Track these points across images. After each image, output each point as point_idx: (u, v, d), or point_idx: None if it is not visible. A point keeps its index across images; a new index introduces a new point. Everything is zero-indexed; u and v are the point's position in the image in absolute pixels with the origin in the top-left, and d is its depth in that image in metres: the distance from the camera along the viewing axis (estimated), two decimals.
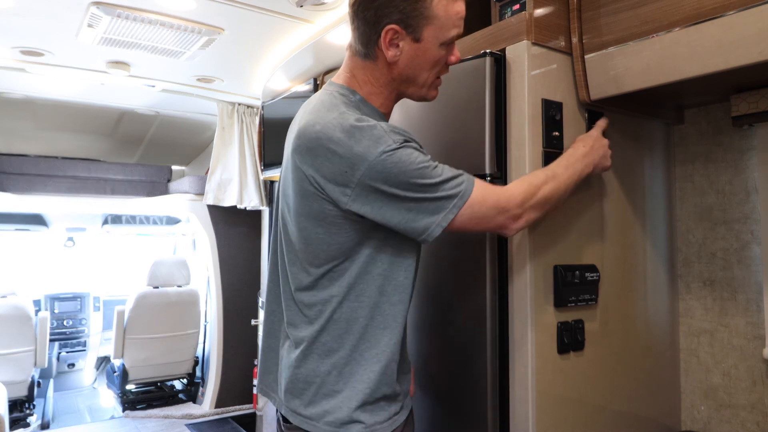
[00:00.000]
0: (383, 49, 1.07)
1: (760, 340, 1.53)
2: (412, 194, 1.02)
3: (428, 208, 1.03)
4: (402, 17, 1.03)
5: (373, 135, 0.99)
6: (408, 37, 1.05)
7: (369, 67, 1.12)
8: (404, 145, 1.01)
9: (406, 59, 1.07)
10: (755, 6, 1.08)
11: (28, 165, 3.95)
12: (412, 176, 1.00)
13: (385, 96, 1.14)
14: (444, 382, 1.47)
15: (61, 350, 5.07)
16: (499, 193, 1.10)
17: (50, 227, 5.03)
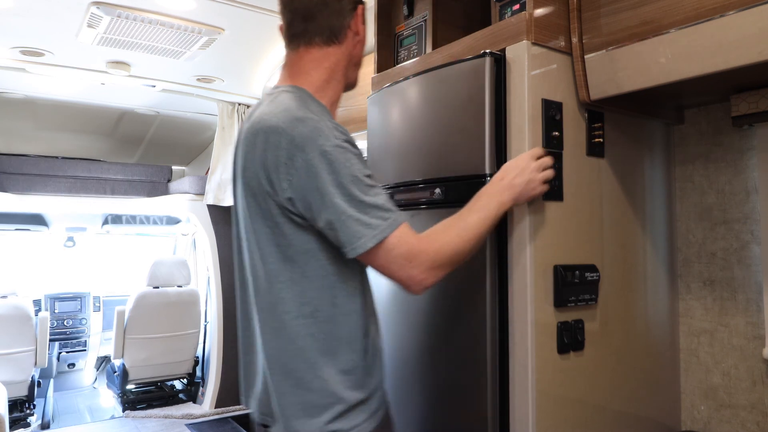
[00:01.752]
0: (356, 27, 1.12)
1: (760, 340, 1.53)
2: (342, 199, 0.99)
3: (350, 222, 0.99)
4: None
5: (318, 127, 0.98)
6: (361, 16, 1.14)
7: (329, 54, 1.11)
8: (346, 146, 1.00)
9: (363, 39, 1.14)
10: (755, 6, 1.08)
11: (28, 165, 3.95)
12: (347, 180, 0.97)
13: (327, 90, 1.13)
14: (444, 382, 1.47)
15: (62, 350, 5.07)
16: (413, 243, 1.03)
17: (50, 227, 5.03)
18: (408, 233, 1.03)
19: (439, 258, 1.06)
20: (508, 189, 1.18)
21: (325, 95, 1.12)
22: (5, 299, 4.03)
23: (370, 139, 1.82)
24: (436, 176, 1.51)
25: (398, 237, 1.01)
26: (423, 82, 1.58)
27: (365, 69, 2.66)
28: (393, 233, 1.00)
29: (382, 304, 1.71)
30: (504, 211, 1.19)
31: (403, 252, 1.02)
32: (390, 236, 1.00)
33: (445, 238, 1.08)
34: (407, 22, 1.88)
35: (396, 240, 1.01)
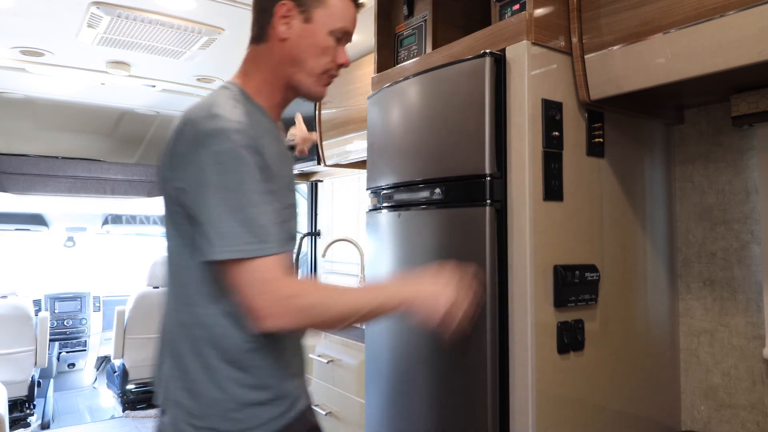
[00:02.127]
0: (275, 25, 1.05)
1: (760, 340, 1.53)
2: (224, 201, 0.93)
3: (223, 227, 0.93)
4: None
5: (223, 128, 0.94)
6: (300, 16, 1.05)
7: (260, 53, 1.08)
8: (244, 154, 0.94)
9: (295, 38, 1.05)
10: (755, 6, 1.08)
11: (28, 165, 3.95)
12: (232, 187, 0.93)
13: (269, 89, 1.09)
14: (444, 382, 1.47)
15: (62, 350, 5.07)
16: (280, 277, 0.94)
17: (50, 227, 5.03)
18: (278, 265, 0.94)
19: (301, 311, 0.95)
20: (421, 295, 1.05)
21: (263, 96, 1.08)
22: (5, 299, 4.02)
23: (370, 139, 1.82)
24: (436, 176, 1.51)
25: (268, 263, 0.93)
26: (423, 82, 1.58)
27: (365, 69, 2.67)
28: (264, 257, 0.93)
29: None
30: (395, 310, 1.04)
31: (265, 280, 0.93)
32: (259, 258, 0.92)
33: (324, 300, 0.98)
34: (407, 22, 1.88)
35: (263, 264, 0.93)
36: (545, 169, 1.36)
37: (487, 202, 1.37)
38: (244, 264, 0.92)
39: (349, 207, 3.47)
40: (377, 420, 1.72)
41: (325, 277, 3.68)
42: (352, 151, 2.75)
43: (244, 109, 1.01)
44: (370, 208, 1.80)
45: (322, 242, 3.74)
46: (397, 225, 1.65)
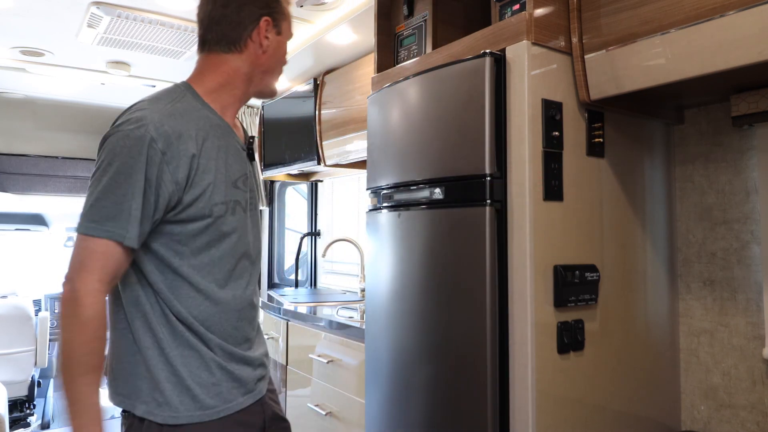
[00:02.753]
0: (258, 38, 1.15)
1: (760, 340, 1.53)
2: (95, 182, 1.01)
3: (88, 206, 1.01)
4: (271, 11, 1.16)
5: (137, 117, 1.03)
6: (274, 30, 1.17)
7: (226, 60, 1.15)
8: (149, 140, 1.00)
9: (272, 50, 1.17)
10: (755, 6, 1.08)
11: (28, 165, 3.95)
12: (111, 168, 1.00)
13: (235, 88, 1.17)
14: (444, 382, 1.47)
15: None
16: (91, 266, 0.98)
17: (50, 227, 5.03)
18: (105, 253, 0.98)
19: (79, 300, 0.97)
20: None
21: (217, 98, 1.15)
22: (5, 299, 4.03)
23: (370, 139, 1.82)
24: (436, 176, 1.51)
25: (96, 245, 0.98)
26: (423, 82, 1.58)
27: (365, 69, 2.67)
28: (99, 238, 0.98)
29: (382, 304, 1.72)
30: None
31: (81, 259, 0.98)
32: (93, 238, 0.98)
33: (80, 336, 0.97)
34: (407, 22, 1.88)
35: (91, 244, 0.98)
36: (545, 169, 1.36)
37: (487, 202, 1.37)
38: (82, 239, 1.00)
39: (349, 207, 3.47)
40: (377, 420, 1.72)
41: (325, 277, 3.68)
42: (352, 151, 2.75)
43: (188, 104, 1.09)
44: (370, 208, 1.81)
45: (322, 242, 3.74)
46: (397, 225, 1.65)
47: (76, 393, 0.97)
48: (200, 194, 1.06)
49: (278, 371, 2.79)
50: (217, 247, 1.10)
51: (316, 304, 2.76)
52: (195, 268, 1.08)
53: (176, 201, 1.04)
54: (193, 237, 1.07)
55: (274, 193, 4.13)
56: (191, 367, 1.07)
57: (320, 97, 3.00)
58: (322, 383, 2.34)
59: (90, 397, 0.97)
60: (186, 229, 1.06)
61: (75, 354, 0.97)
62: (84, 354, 0.97)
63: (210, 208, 1.07)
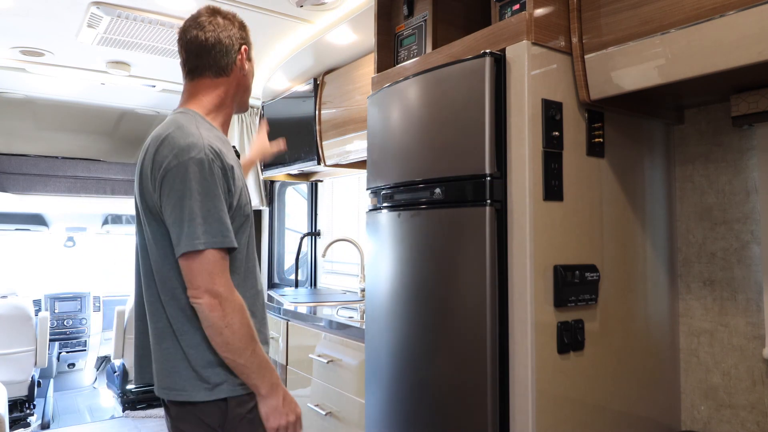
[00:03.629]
0: (240, 63, 1.35)
1: (760, 340, 1.53)
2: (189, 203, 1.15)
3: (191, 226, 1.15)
4: (246, 41, 1.37)
5: (194, 142, 1.18)
6: (246, 55, 1.37)
7: (221, 84, 1.34)
8: (212, 162, 1.18)
9: (249, 72, 1.39)
10: (755, 6, 1.08)
11: (28, 165, 3.95)
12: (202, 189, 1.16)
13: (219, 112, 1.35)
14: (444, 382, 1.47)
15: (62, 350, 5.07)
16: (219, 272, 1.16)
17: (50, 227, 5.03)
18: (221, 260, 1.16)
19: (228, 299, 1.16)
20: (277, 399, 1.24)
21: (216, 117, 1.34)
22: (5, 299, 4.03)
23: (370, 139, 1.82)
24: (436, 176, 1.51)
25: (214, 256, 1.15)
26: (423, 82, 1.58)
27: (365, 69, 2.67)
28: (211, 250, 1.15)
29: (382, 304, 1.72)
30: (262, 384, 1.21)
31: (210, 269, 1.15)
32: (208, 251, 1.14)
33: (240, 320, 1.17)
34: (407, 22, 1.88)
35: (214, 256, 1.15)
36: (545, 169, 1.36)
37: (487, 202, 1.37)
38: (202, 254, 1.14)
39: (349, 207, 3.47)
40: (377, 420, 1.72)
41: (325, 277, 3.68)
42: (352, 151, 2.75)
43: (205, 127, 1.26)
44: (370, 208, 1.81)
45: (322, 242, 3.74)
46: (397, 225, 1.65)
47: (262, 358, 1.20)
48: (239, 197, 1.26)
49: (278, 371, 2.79)
50: (249, 243, 1.32)
51: (316, 304, 2.76)
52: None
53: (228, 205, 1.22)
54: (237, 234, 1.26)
55: (274, 193, 4.13)
56: None
57: (320, 97, 3.00)
58: (322, 383, 2.34)
59: (265, 355, 1.22)
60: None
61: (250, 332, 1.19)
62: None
63: (243, 208, 1.28)
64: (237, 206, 1.24)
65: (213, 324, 1.15)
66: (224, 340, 1.15)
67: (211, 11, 1.34)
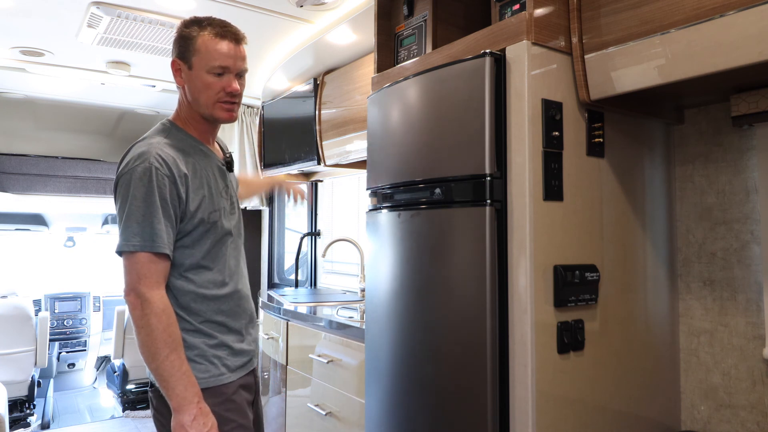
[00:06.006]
0: (176, 79, 1.37)
1: (760, 340, 1.53)
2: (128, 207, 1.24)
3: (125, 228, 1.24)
4: (179, 52, 1.35)
5: (141, 153, 1.26)
6: (185, 65, 1.34)
7: (180, 98, 1.40)
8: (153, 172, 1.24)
9: (188, 84, 1.35)
10: (755, 6, 1.08)
11: (28, 165, 3.95)
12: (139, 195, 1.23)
13: (193, 121, 1.38)
14: (444, 382, 1.47)
15: (62, 350, 5.07)
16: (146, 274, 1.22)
17: (50, 227, 5.02)
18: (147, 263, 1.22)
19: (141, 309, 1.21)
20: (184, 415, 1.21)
21: (191, 126, 1.39)
22: (5, 299, 4.03)
23: (370, 139, 1.82)
24: (436, 176, 1.51)
25: (143, 258, 1.22)
26: (423, 82, 1.58)
27: (365, 69, 2.67)
28: (142, 252, 1.22)
29: (382, 304, 1.72)
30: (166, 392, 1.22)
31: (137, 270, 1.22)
32: (139, 253, 1.22)
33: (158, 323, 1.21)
34: (407, 22, 1.88)
35: (144, 259, 1.22)
36: (545, 169, 1.36)
37: (487, 202, 1.37)
38: (133, 255, 1.22)
39: (349, 207, 3.47)
40: (377, 420, 1.72)
41: (325, 277, 3.68)
42: (352, 151, 2.75)
43: (170, 139, 1.32)
44: (370, 208, 1.80)
45: (322, 242, 3.74)
46: (397, 225, 1.65)
47: (176, 368, 1.20)
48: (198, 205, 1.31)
49: (278, 371, 2.79)
50: (217, 248, 1.36)
51: (316, 304, 2.76)
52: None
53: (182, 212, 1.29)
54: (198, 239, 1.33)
55: (274, 193, 4.13)
56: None
57: (320, 97, 3.00)
58: (322, 383, 2.34)
59: (180, 366, 1.21)
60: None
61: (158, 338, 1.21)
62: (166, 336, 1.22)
63: (207, 215, 1.32)
64: (193, 213, 1.29)
65: (134, 322, 1.22)
66: (140, 340, 1.21)
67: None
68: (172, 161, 1.27)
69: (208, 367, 1.30)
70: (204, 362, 1.29)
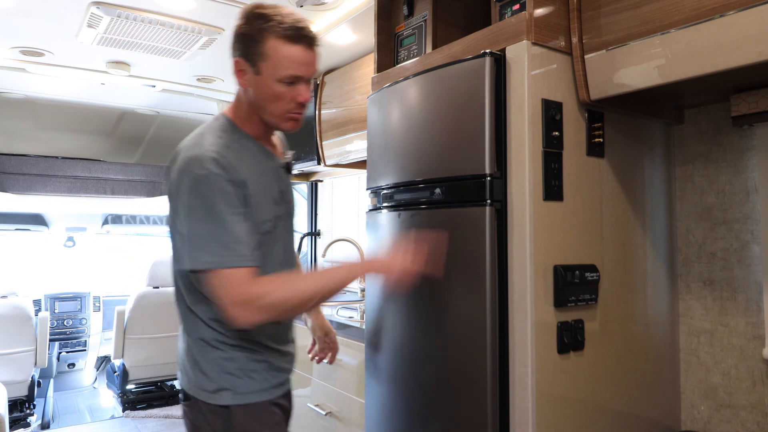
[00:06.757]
0: (236, 77, 1.23)
1: (760, 340, 1.53)
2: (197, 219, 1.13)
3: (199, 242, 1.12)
4: (244, 52, 1.20)
5: (197, 156, 1.14)
6: (250, 69, 1.20)
7: (239, 94, 1.27)
8: (215, 178, 1.12)
9: (252, 89, 1.21)
10: (755, 6, 1.08)
11: (28, 165, 3.94)
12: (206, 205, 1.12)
13: (252, 120, 1.26)
14: (444, 382, 1.47)
15: (61, 350, 5.06)
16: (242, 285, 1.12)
17: (50, 227, 5.02)
18: (240, 275, 1.12)
19: (268, 308, 1.13)
20: (374, 267, 1.26)
21: (249, 126, 1.26)
22: (5, 299, 4.02)
23: (370, 139, 1.82)
24: (436, 176, 1.51)
25: (229, 274, 1.11)
26: (423, 82, 1.58)
27: (365, 69, 2.67)
28: (226, 269, 1.11)
29: (382, 304, 1.71)
30: (354, 278, 1.23)
31: (232, 287, 1.11)
32: (222, 270, 1.11)
33: (286, 293, 1.15)
34: (407, 22, 1.88)
35: (225, 274, 1.11)
36: (545, 169, 1.36)
37: (487, 202, 1.37)
38: (214, 274, 1.11)
39: (349, 207, 3.47)
40: (377, 420, 1.72)
41: None
42: (352, 151, 2.75)
43: (226, 138, 1.20)
44: (370, 208, 1.80)
45: (322, 242, 3.74)
46: (397, 225, 1.65)
47: (331, 279, 1.20)
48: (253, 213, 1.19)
49: None
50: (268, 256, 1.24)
51: None
52: None
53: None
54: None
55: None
56: None
57: (320, 97, 3.00)
58: (322, 383, 2.34)
59: (325, 277, 1.20)
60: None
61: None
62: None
63: (259, 226, 1.20)
64: (254, 222, 1.19)
65: (278, 317, 1.17)
66: (302, 307, 1.20)
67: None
68: (230, 165, 1.15)
69: (247, 383, 1.22)
70: (244, 377, 1.22)
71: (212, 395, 1.20)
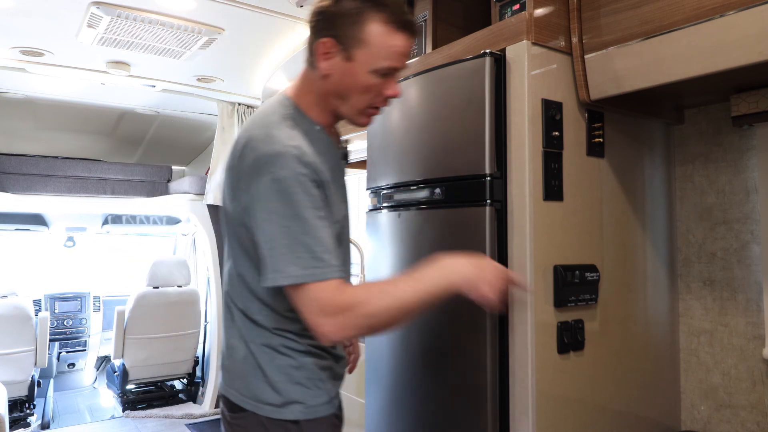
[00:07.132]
0: (317, 61, 1.07)
1: (760, 340, 1.53)
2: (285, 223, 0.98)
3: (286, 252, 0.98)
4: (337, 33, 1.03)
5: (280, 152, 0.99)
6: (341, 54, 1.04)
7: (311, 77, 1.11)
8: (302, 179, 0.99)
9: (337, 75, 1.06)
10: (755, 6, 1.08)
11: (28, 165, 3.94)
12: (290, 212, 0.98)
13: (321, 108, 1.12)
14: (444, 382, 1.47)
15: (61, 350, 5.06)
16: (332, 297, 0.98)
17: (50, 227, 5.02)
18: (331, 287, 0.98)
19: (359, 320, 0.99)
20: (463, 276, 1.06)
21: (315, 112, 1.12)
22: (5, 299, 4.02)
23: (370, 139, 1.82)
24: (436, 176, 1.51)
25: (319, 287, 0.97)
26: (423, 82, 1.58)
27: None
28: (316, 282, 0.97)
29: None
30: (445, 294, 1.06)
31: (322, 302, 0.98)
32: (312, 283, 0.97)
33: (374, 304, 1.00)
34: None
35: (321, 287, 0.97)
36: (545, 169, 1.36)
37: (487, 202, 1.37)
38: (303, 288, 0.97)
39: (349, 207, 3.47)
40: (377, 420, 1.72)
41: None
42: (351, 151, 2.75)
43: (300, 129, 1.05)
44: (370, 208, 1.80)
45: None
46: (397, 225, 1.65)
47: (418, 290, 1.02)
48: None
49: None
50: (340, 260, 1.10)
51: None
52: None
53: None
54: None
55: None
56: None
57: None
58: None
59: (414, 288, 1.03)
60: None
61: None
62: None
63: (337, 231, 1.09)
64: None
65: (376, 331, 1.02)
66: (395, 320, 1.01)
67: None
68: (314, 165, 1.01)
69: (316, 394, 1.11)
70: (313, 387, 1.11)
71: (278, 409, 1.08)
